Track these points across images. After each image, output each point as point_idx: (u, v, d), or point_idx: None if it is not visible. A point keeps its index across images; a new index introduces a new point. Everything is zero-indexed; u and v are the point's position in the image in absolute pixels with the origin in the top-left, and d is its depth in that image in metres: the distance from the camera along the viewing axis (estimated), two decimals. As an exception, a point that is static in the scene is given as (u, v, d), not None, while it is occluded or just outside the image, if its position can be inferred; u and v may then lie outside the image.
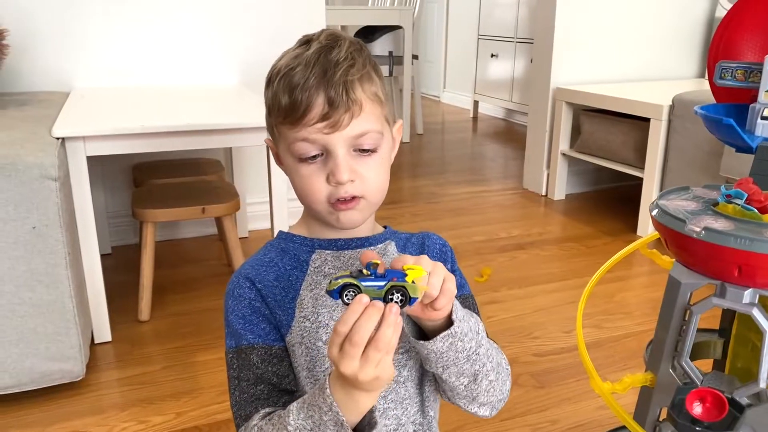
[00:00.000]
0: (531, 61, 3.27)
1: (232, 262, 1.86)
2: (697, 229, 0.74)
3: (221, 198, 1.79)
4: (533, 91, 2.94)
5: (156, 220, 1.73)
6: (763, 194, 0.76)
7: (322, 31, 0.72)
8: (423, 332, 0.67)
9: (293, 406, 0.64)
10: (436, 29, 5.64)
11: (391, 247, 0.79)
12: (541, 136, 2.90)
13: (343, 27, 4.54)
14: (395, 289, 0.58)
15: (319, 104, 0.65)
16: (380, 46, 4.02)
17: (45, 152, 1.32)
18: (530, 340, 1.71)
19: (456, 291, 0.62)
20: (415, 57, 4.07)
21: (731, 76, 1.01)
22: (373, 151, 0.69)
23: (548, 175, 2.92)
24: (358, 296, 0.57)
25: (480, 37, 4.65)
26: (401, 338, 0.62)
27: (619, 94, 2.46)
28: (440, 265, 0.62)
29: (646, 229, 2.39)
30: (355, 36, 4.21)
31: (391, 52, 3.99)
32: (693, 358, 0.95)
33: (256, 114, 1.71)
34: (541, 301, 1.94)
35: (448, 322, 0.65)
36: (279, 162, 0.75)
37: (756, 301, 0.74)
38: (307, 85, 0.65)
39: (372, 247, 0.77)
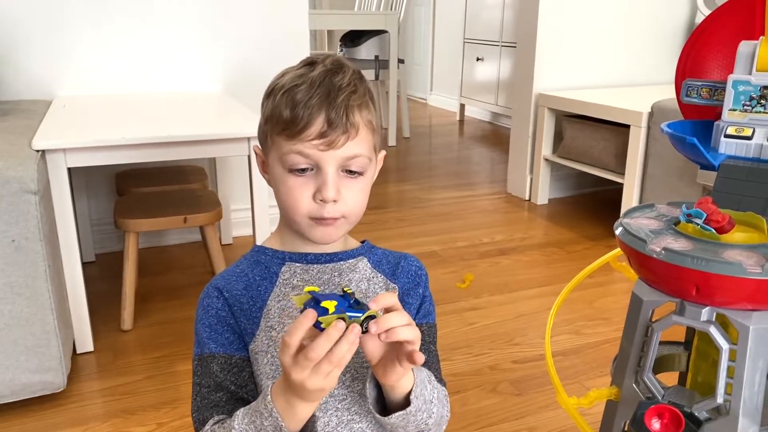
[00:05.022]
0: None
1: (215, 270, 1.87)
2: (658, 249, 0.76)
3: (203, 207, 1.80)
4: (516, 97, 2.97)
5: (138, 230, 1.74)
6: (721, 214, 0.78)
7: (328, 55, 0.76)
8: (380, 389, 0.70)
9: (240, 412, 0.67)
10: (423, 32, 5.66)
11: (362, 263, 0.81)
12: (524, 141, 2.93)
13: (329, 31, 4.55)
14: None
15: (319, 122, 0.68)
16: (366, 50, 4.04)
17: (24, 166, 1.32)
18: (510, 347, 1.74)
19: (416, 340, 0.63)
20: (401, 61, 4.09)
21: (697, 94, 1.03)
22: (360, 174, 0.73)
23: (531, 179, 2.94)
24: (337, 322, 0.59)
25: (466, 40, 4.68)
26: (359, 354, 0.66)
27: (599, 101, 2.49)
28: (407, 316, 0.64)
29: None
30: (340, 40, 4.23)
31: (377, 56, 4.01)
32: (659, 370, 0.98)
33: (239, 124, 1.72)
34: (522, 307, 1.96)
35: (406, 398, 0.68)
36: (263, 171, 0.78)
37: (713, 319, 0.76)
38: (310, 103, 0.69)
39: (342, 262, 0.79)
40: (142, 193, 1.98)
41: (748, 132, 0.95)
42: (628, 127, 2.36)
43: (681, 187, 2.18)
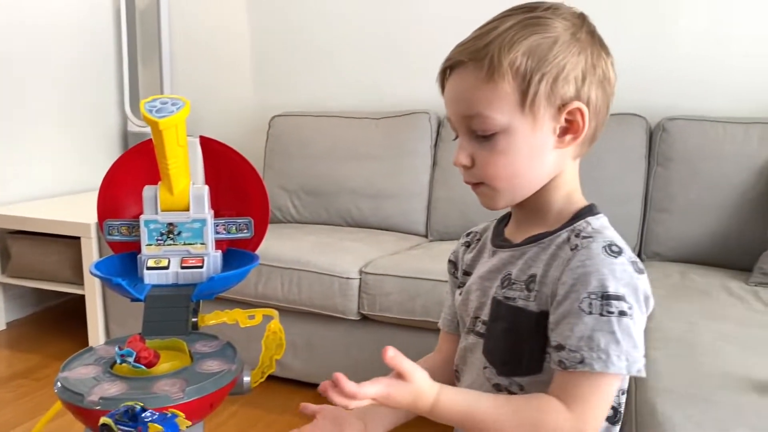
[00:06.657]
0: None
1: None
2: (96, 400, 0.81)
3: None
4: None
5: None
6: (147, 350, 0.89)
7: None
8: None
9: None
10: None
11: None
12: (-36, 265, 2.58)
13: None
14: None
15: None
16: None
17: None
18: None
19: None
20: None
21: (118, 232, 1.14)
22: None
23: (-18, 306, 2.61)
24: None
25: None
26: None
27: (45, 215, 2.42)
28: None
29: (98, 342, 2.40)
30: None
31: None
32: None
33: None
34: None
35: None
36: None
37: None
38: None
39: None
40: None
41: (164, 262, 1.10)
42: (79, 238, 2.36)
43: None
